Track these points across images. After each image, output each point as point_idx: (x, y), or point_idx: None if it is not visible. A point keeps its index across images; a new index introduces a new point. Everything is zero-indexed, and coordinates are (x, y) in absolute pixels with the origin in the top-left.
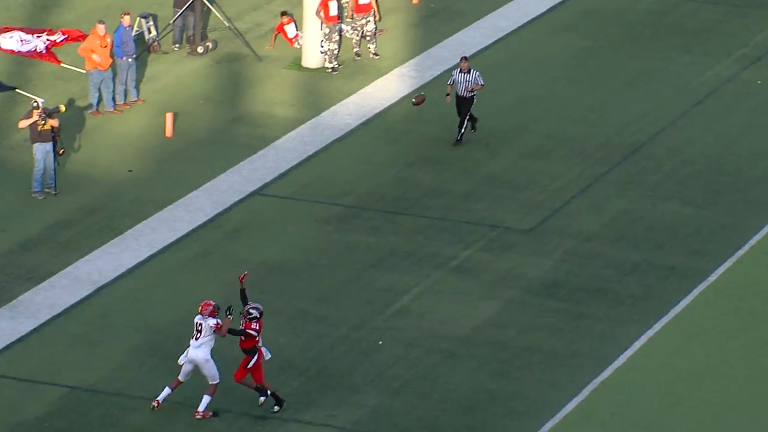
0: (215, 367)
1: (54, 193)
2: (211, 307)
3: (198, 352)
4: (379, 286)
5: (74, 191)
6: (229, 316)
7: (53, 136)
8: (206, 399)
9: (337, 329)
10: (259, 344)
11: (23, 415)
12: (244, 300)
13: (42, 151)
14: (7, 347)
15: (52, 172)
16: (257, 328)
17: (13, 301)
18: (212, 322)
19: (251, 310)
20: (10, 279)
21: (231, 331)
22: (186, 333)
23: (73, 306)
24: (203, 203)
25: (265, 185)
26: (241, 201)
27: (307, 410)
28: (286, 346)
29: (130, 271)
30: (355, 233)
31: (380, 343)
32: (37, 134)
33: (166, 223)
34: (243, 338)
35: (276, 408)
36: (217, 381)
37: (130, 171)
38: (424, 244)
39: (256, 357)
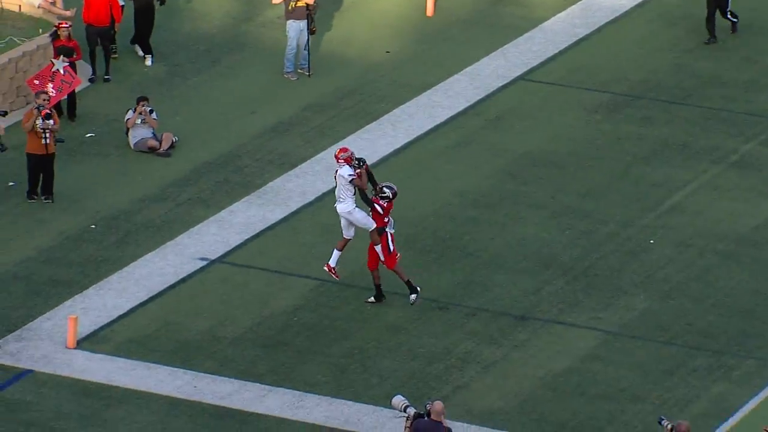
0: (365, 215)
1: (307, 74)
2: (346, 153)
3: (340, 206)
4: (651, 181)
5: (328, 72)
6: (363, 168)
7: (308, 13)
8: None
9: (604, 226)
10: (388, 227)
11: (272, 307)
12: (374, 183)
13: (295, 29)
14: (257, 236)
15: (306, 51)
16: (384, 205)
17: (263, 187)
18: (346, 172)
19: (385, 188)
20: (261, 164)
21: (363, 195)
22: (441, 225)
23: (325, 194)
24: (464, 88)
25: (531, 70)
26: (504, 86)
27: (571, 311)
28: (549, 243)
29: (384, 159)
30: (627, 123)
31: (651, 242)
32: (290, 11)
33: (424, 108)
34: (372, 214)
35: (370, 299)
36: (372, 227)
37: (387, 52)
38: (700, 136)
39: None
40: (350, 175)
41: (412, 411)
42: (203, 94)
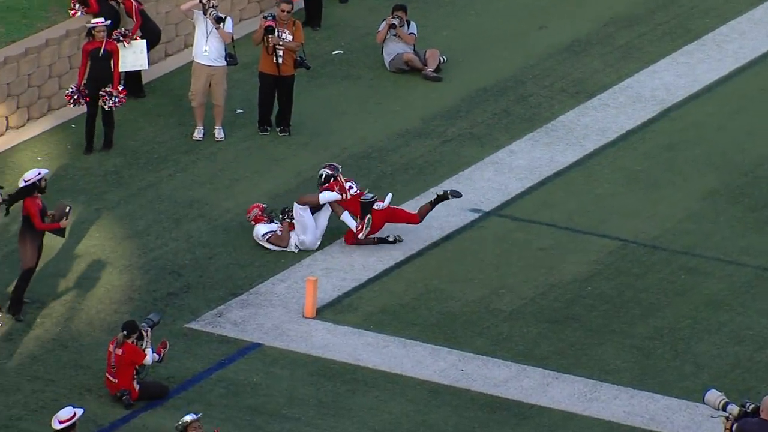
0: (307, 214)
1: None
2: (253, 212)
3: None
4: None
5: None
6: (285, 220)
7: None
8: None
9: None
10: (369, 197)
11: (560, 273)
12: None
13: None
14: (542, 183)
15: None
16: (330, 186)
17: (552, 122)
18: (262, 231)
19: (320, 174)
20: (550, 93)
21: (309, 202)
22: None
23: (630, 132)
24: None
25: None
26: None
27: None
28: None
29: (707, 90)
30: None
31: None
32: None
33: (760, 25)
34: (344, 203)
35: None
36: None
37: None
38: None
39: (369, 218)
40: (267, 233)
41: (734, 408)
42: (478, 4)
